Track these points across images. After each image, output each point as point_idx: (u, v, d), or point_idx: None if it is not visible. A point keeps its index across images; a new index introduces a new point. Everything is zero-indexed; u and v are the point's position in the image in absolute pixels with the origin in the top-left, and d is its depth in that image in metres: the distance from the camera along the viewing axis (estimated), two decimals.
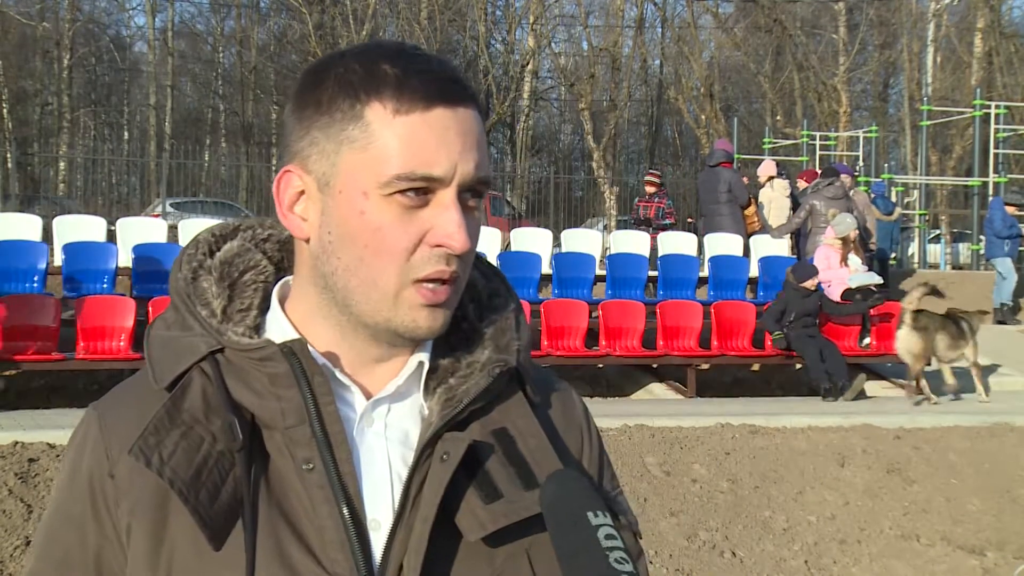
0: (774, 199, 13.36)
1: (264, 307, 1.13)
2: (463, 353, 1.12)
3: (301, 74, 1.09)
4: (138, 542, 1.04)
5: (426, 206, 1.02)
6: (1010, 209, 14.44)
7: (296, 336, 1.08)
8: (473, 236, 1.05)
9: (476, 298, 1.16)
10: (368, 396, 1.09)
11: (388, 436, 1.08)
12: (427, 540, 1.01)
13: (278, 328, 1.11)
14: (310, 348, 1.07)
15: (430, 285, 1.03)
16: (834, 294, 11.20)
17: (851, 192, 12.85)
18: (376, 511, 1.05)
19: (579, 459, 1.17)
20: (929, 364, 10.56)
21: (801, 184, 13.73)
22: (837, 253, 11.41)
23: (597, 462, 1.20)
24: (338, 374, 1.08)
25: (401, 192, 1.01)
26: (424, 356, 1.10)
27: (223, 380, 1.06)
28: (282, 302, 1.13)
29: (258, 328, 1.12)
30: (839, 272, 11.34)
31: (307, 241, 1.07)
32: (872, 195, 15.53)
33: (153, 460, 1.02)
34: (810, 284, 10.26)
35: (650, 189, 14.13)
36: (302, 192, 1.07)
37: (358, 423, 1.08)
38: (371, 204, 1.02)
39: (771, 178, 13.62)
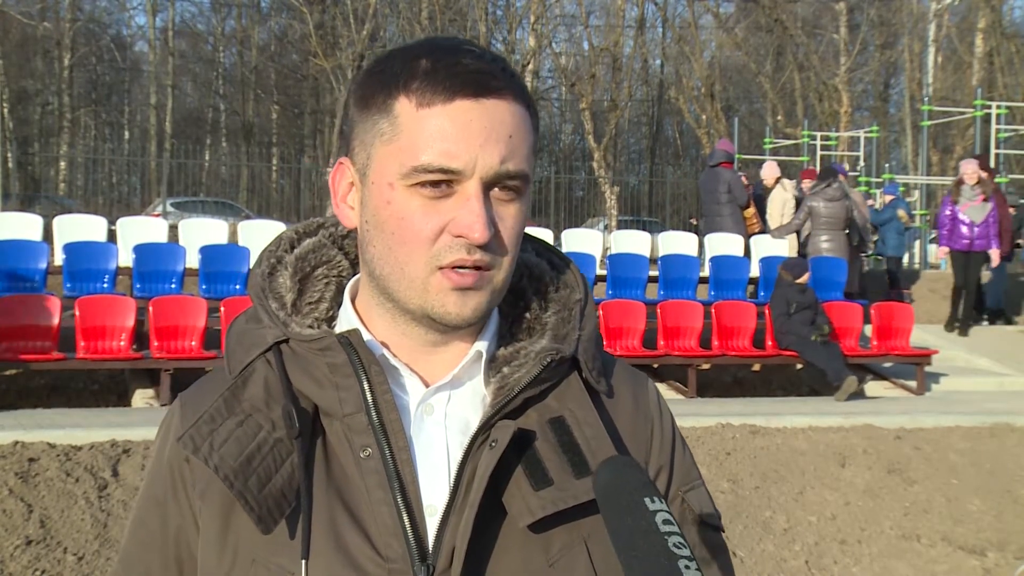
0: (787, 200, 13.31)
1: (338, 300, 1.18)
2: (523, 343, 1.13)
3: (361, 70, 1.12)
4: (208, 524, 1.10)
5: (450, 197, 1.03)
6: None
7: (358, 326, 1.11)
8: (510, 228, 1.06)
9: (541, 290, 1.18)
10: (427, 385, 1.11)
11: (447, 424, 1.10)
12: (472, 526, 1.02)
13: (347, 320, 1.14)
14: (368, 337, 1.10)
15: (457, 269, 1.04)
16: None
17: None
18: (432, 497, 1.07)
19: (648, 449, 1.17)
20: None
21: (806, 184, 13.70)
22: None
23: (668, 454, 1.19)
24: (395, 362, 1.10)
25: (422, 184, 1.03)
26: (483, 345, 1.12)
27: (285, 369, 1.10)
28: (356, 296, 1.16)
29: (331, 320, 1.16)
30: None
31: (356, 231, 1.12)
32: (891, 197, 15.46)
33: (202, 448, 1.06)
34: (803, 280, 10.26)
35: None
36: (352, 183, 1.11)
37: (416, 411, 1.10)
38: (396, 194, 1.04)
39: (779, 178, 13.60)
